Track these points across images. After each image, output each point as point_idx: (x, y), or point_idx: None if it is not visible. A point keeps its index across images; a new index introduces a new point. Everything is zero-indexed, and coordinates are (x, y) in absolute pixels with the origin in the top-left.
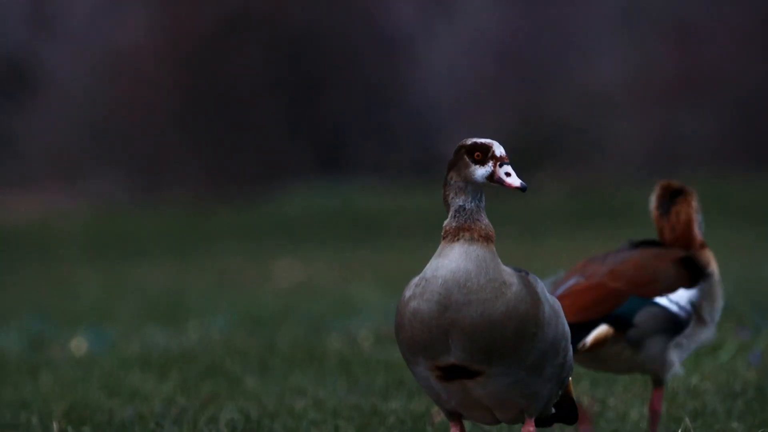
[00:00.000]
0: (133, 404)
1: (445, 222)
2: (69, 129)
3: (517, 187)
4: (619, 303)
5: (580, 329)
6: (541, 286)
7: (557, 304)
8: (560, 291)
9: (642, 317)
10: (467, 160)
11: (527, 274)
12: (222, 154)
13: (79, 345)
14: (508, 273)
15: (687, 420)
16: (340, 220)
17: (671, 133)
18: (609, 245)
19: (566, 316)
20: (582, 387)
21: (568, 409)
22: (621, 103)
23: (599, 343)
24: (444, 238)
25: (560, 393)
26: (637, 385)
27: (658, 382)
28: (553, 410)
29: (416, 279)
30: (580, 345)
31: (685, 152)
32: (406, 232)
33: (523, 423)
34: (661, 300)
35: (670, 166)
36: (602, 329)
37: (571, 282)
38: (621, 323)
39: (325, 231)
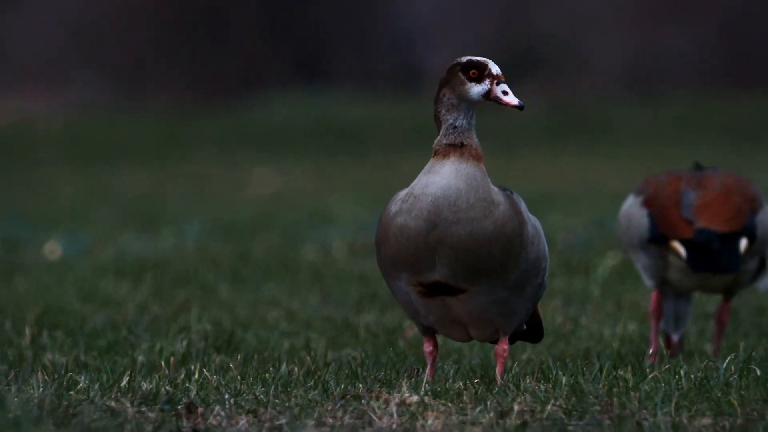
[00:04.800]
0: (106, 310)
1: (436, 139)
2: (50, 33)
3: (515, 106)
4: (746, 216)
5: (726, 239)
6: (524, 206)
7: (538, 224)
8: (688, 203)
9: (761, 229)
10: (462, 77)
11: (512, 193)
12: (203, 62)
13: (53, 249)
14: (496, 192)
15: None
16: (318, 130)
17: (654, 50)
18: (586, 161)
19: (716, 225)
20: (554, 305)
21: (535, 328)
22: (605, 20)
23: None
24: (434, 155)
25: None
26: (609, 304)
27: (731, 297)
28: (524, 327)
29: (403, 194)
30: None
31: (667, 70)
32: (384, 143)
33: (493, 341)
34: (764, 214)
35: (650, 83)
36: (744, 242)
37: (692, 194)
38: (751, 235)
39: (304, 141)
